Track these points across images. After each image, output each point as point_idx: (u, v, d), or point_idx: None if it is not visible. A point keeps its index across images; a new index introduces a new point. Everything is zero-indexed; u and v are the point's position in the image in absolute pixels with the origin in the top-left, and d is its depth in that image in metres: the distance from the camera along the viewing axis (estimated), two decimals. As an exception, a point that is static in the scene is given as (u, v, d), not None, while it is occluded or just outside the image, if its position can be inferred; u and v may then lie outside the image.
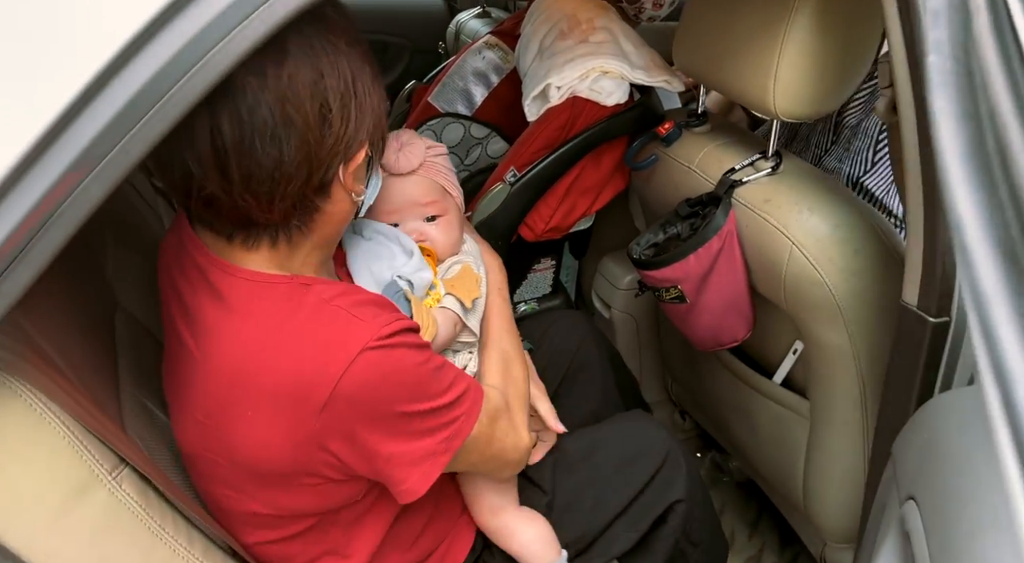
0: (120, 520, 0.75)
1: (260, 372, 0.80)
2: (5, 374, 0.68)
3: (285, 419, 0.80)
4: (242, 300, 0.83)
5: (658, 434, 1.22)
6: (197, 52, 0.60)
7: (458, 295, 1.05)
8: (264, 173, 0.77)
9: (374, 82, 0.85)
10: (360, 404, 0.80)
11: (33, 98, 0.56)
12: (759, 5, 1.12)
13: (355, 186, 0.88)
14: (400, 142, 1.07)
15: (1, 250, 0.57)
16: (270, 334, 0.81)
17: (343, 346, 0.79)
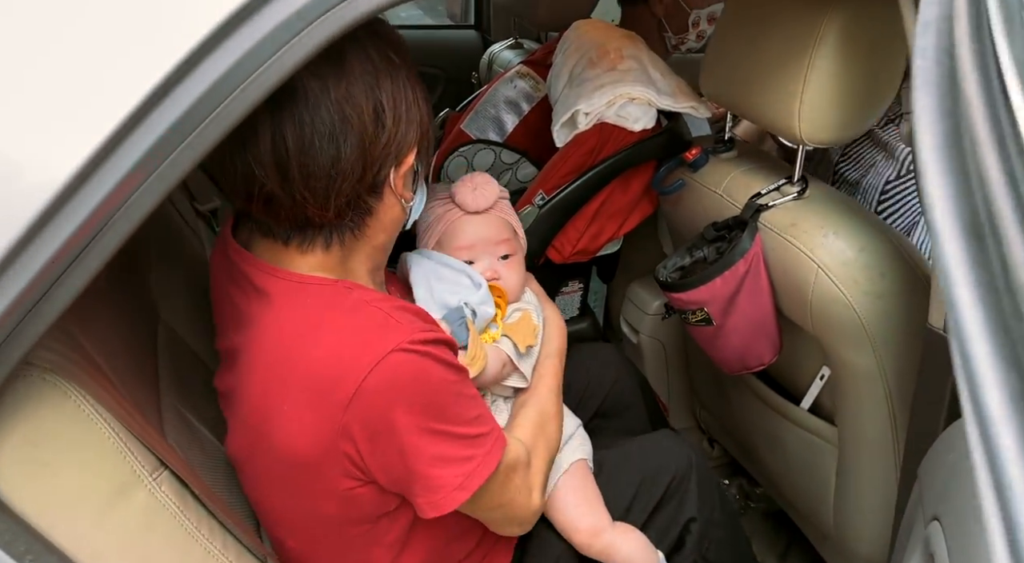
0: (158, 520, 0.78)
1: (295, 363, 0.83)
2: (57, 377, 0.71)
3: (315, 411, 0.82)
4: (284, 296, 0.86)
5: (679, 451, 1.23)
6: (256, 61, 0.64)
7: (514, 338, 1.08)
8: (322, 171, 0.82)
9: (422, 93, 0.89)
10: (385, 405, 0.82)
11: (94, 108, 0.60)
12: (784, 33, 1.14)
13: (404, 191, 0.91)
14: (475, 182, 1.12)
15: (58, 255, 0.60)
16: (308, 327, 0.84)
17: (375, 344, 0.81)
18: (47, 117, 0.61)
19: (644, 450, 1.25)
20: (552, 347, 1.16)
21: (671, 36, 1.82)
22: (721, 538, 1.22)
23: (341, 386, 0.81)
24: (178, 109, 0.62)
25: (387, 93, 0.84)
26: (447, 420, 0.85)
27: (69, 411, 0.72)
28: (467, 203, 1.11)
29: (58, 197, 0.59)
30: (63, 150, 0.60)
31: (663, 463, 1.21)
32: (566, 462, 1.16)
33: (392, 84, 0.84)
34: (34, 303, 0.62)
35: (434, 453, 0.85)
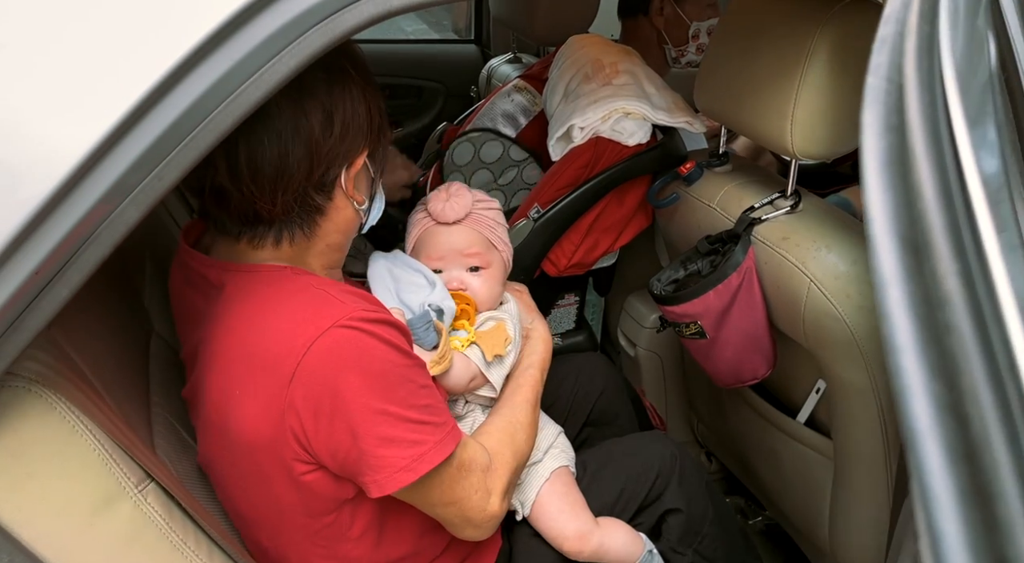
0: (144, 533, 0.77)
1: (243, 347, 0.85)
2: (43, 387, 0.71)
3: (263, 391, 0.84)
4: (236, 286, 0.89)
5: (663, 450, 1.24)
6: (229, 87, 0.65)
7: (482, 347, 1.07)
8: (269, 167, 0.85)
9: (375, 104, 0.93)
10: (325, 381, 0.82)
11: (75, 127, 0.61)
12: (777, 48, 1.15)
13: (356, 194, 0.94)
14: (449, 192, 1.13)
15: (41, 268, 0.61)
16: (255, 311, 0.87)
17: (316, 320, 0.83)
18: (31, 126, 0.61)
19: (627, 450, 1.25)
20: (535, 359, 1.16)
21: (671, 48, 1.83)
22: (715, 534, 1.23)
23: (284, 362, 0.82)
24: (160, 125, 0.63)
25: (338, 101, 0.88)
26: (393, 401, 0.85)
27: (54, 422, 0.72)
28: (437, 213, 1.12)
29: (41, 209, 0.59)
30: (46, 162, 0.60)
31: (647, 462, 1.21)
32: (547, 470, 1.16)
33: (343, 93, 0.89)
34: (17, 315, 0.62)
35: (380, 433, 0.84)
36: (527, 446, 1.07)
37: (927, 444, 0.36)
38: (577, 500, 1.16)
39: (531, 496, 1.15)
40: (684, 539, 1.23)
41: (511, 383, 1.13)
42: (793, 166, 1.23)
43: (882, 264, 0.38)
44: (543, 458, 1.18)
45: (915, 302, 0.37)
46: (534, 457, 1.17)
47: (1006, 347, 0.39)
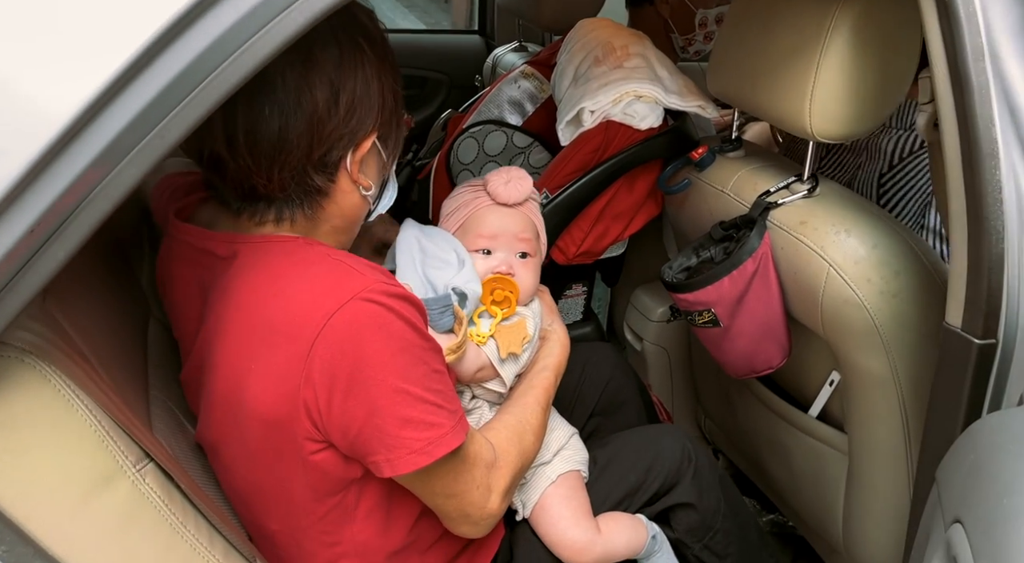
0: (142, 513, 0.74)
1: (260, 316, 0.82)
2: (37, 359, 0.68)
3: (279, 362, 0.81)
4: (247, 255, 0.86)
5: (674, 444, 1.20)
6: (235, 41, 0.62)
7: (499, 342, 1.05)
8: (267, 141, 0.82)
9: (389, 86, 0.89)
10: (344, 355, 0.80)
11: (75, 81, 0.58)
12: (794, 26, 1.12)
13: (362, 178, 0.90)
14: (510, 175, 1.11)
15: (37, 227, 0.57)
16: (272, 279, 0.83)
17: (336, 291, 0.80)
18: (25, 80, 0.58)
19: (639, 443, 1.22)
20: (550, 361, 1.13)
21: (678, 37, 1.80)
22: (727, 529, 1.19)
23: (302, 334, 0.79)
24: (161, 80, 0.60)
25: (347, 78, 0.84)
26: (411, 380, 0.82)
27: (48, 395, 0.68)
28: (499, 194, 1.10)
29: (36, 164, 0.56)
30: (42, 116, 0.57)
31: (658, 456, 1.18)
32: (554, 473, 1.13)
33: (354, 70, 0.85)
34: (12, 275, 0.59)
35: (398, 412, 0.82)
36: (533, 449, 1.04)
37: None
38: (580, 506, 1.12)
39: (534, 497, 1.12)
40: (694, 533, 1.20)
41: (524, 383, 1.10)
42: (811, 148, 1.20)
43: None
44: (552, 460, 1.15)
45: None
46: (543, 457, 1.14)
47: None
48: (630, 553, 1.14)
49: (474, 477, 0.92)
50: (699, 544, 1.20)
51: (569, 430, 1.20)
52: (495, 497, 0.94)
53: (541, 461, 1.14)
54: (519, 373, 1.10)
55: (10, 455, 0.66)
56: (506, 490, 0.96)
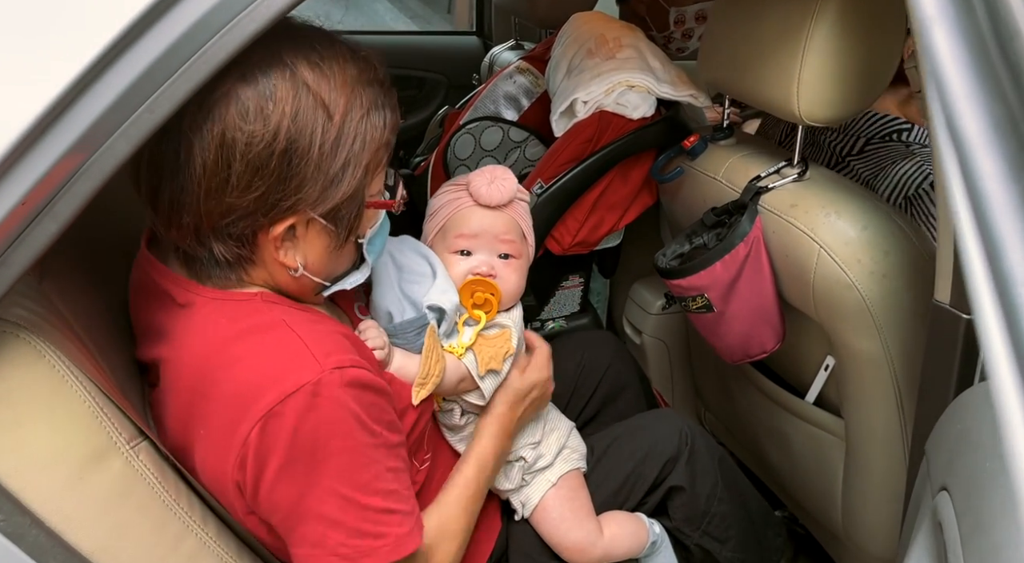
0: (135, 490, 0.75)
1: (210, 385, 0.78)
2: (31, 334, 0.70)
3: (220, 433, 0.78)
4: (201, 315, 0.81)
5: (670, 427, 1.20)
6: (223, 18, 0.63)
7: (478, 356, 1.01)
8: (164, 191, 0.75)
9: (329, 162, 0.77)
10: (280, 444, 0.75)
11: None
12: (780, 11, 1.13)
13: (287, 257, 0.80)
14: (494, 175, 1.07)
15: (28, 198, 0.59)
16: (223, 346, 0.78)
17: (283, 378, 0.75)
18: (14, 52, 0.59)
19: (634, 431, 1.22)
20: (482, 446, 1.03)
21: (656, 35, 1.82)
22: (724, 512, 1.18)
23: (244, 415, 0.75)
24: (150, 55, 0.61)
25: (250, 145, 0.73)
26: (353, 484, 0.77)
27: (43, 370, 0.70)
28: (481, 194, 1.05)
29: (25, 136, 0.57)
30: (29, 91, 0.58)
31: (654, 443, 1.18)
32: (555, 476, 1.12)
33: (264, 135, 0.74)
34: (5, 247, 0.60)
35: (322, 512, 0.77)
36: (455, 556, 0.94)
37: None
38: (582, 507, 1.12)
39: (534, 500, 1.11)
40: (691, 521, 1.19)
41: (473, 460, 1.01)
42: (800, 132, 1.21)
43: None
44: (554, 462, 1.14)
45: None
46: (544, 461, 1.13)
47: None
48: (632, 554, 1.13)
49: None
50: (698, 532, 1.19)
51: (567, 426, 1.20)
52: None
53: (543, 465, 1.13)
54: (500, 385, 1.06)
55: (5, 428, 0.68)
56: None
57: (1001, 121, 0.35)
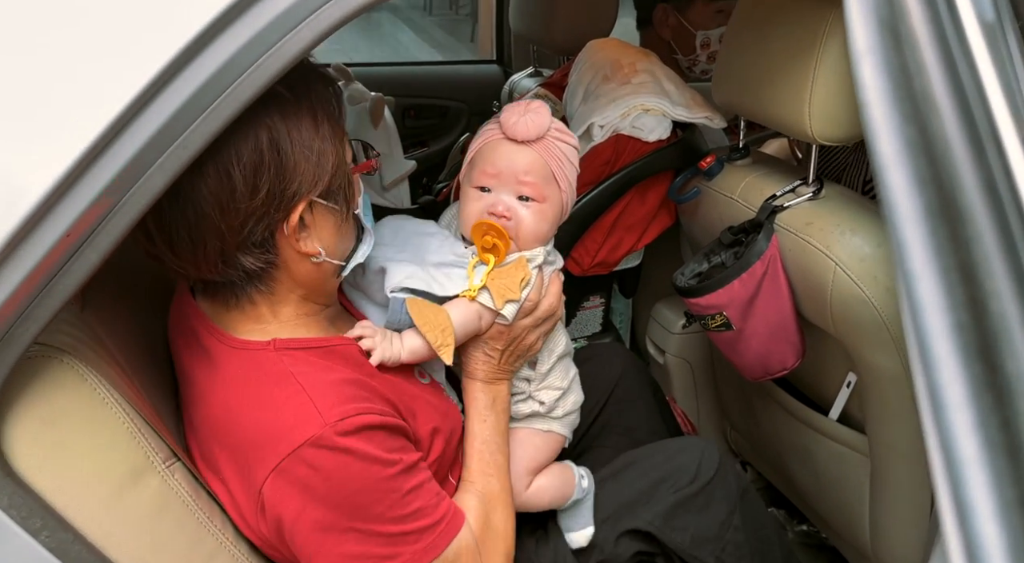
0: (171, 507, 0.79)
1: (220, 433, 0.83)
2: (74, 359, 0.74)
3: (238, 483, 0.83)
4: (225, 364, 0.85)
5: (695, 450, 1.18)
6: (249, 58, 0.67)
7: (492, 291, 0.96)
8: (178, 231, 0.79)
9: (308, 135, 0.82)
10: (289, 499, 0.79)
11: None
12: (791, 33, 1.16)
13: (307, 245, 0.85)
14: (529, 107, 0.99)
15: (72, 230, 0.63)
16: (237, 399, 0.83)
17: (288, 434, 0.78)
18: (57, 101, 0.64)
19: (656, 453, 1.20)
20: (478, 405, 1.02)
21: (682, 58, 1.84)
22: (739, 541, 1.14)
23: (256, 469, 0.80)
24: (182, 95, 0.65)
25: (242, 154, 0.78)
26: (365, 519, 0.81)
27: (85, 393, 0.74)
28: (508, 126, 0.97)
29: (70, 172, 0.62)
30: (72, 129, 0.62)
31: (680, 465, 1.16)
32: (544, 426, 1.09)
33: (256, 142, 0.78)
34: (51, 277, 0.64)
35: (342, 552, 0.81)
36: (505, 522, 0.98)
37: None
38: (530, 461, 1.08)
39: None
40: (700, 542, 1.14)
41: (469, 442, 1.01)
42: (814, 151, 1.23)
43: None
44: (562, 418, 1.11)
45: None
46: (553, 412, 1.09)
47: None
48: (552, 507, 1.11)
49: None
50: (712, 557, 1.14)
51: (580, 397, 1.15)
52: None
53: (549, 413, 1.09)
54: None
55: (50, 448, 0.71)
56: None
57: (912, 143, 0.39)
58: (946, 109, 0.40)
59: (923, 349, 0.39)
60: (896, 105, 0.39)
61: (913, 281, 0.39)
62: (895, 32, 0.39)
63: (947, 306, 0.39)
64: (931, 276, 0.39)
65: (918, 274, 0.38)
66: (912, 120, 0.38)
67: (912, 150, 0.38)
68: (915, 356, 0.41)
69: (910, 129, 0.38)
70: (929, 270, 0.39)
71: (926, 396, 0.40)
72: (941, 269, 0.39)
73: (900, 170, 0.37)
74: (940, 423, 0.40)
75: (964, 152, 0.39)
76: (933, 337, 0.40)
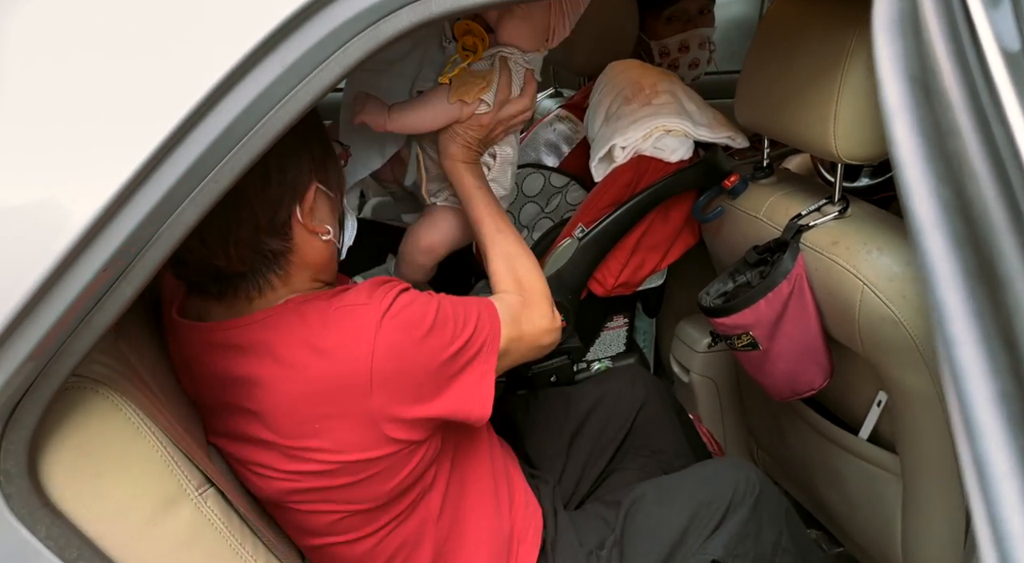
0: (204, 534, 0.79)
1: (307, 386, 0.87)
2: (109, 389, 0.75)
3: (346, 410, 0.87)
4: (261, 342, 0.89)
5: (738, 475, 1.19)
6: (279, 93, 0.68)
7: (453, 85, 1.09)
8: (211, 224, 0.80)
9: (310, 132, 0.93)
10: (400, 370, 0.88)
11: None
12: (815, 51, 1.15)
13: (316, 225, 0.95)
14: None
15: (108, 266, 0.64)
16: (299, 354, 0.87)
17: (360, 332, 0.87)
18: (87, 140, 0.65)
19: (702, 476, 1.22)
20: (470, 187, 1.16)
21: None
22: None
23: (357, 380, 0.86)
24: (214, 131, 0.66)
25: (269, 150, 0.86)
26: (453, 339, 0.93)
27: (119, 423, 0.75)
28: None
29: (107, 209, 0.63)
30: (108, 168, 0.64)
31: (721, 488, 1.17)
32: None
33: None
34: (87, 312, 0.66)
35: (451, 373, 0.93)
36: (530, 264, 1.12)
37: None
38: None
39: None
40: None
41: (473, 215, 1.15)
42: (839, 170, 1.22)
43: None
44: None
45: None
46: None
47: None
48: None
49: (527, 323, 1.04)
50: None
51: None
52: (545, 319, 1.06)
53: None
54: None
55: (86, 477, 0.72)
56: (544, 306, 1.08)
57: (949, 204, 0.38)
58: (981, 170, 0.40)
59: (967, 418, 0.39)
60: (930, 165, 0.39)
61: (954, 348, 0.38)
62: (927, 89, 0.39)
63: (990, 372, 0.39)
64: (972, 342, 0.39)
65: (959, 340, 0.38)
66: (947, 181, 0.38)
67: (949, 212, 0.38)
68: (958, 424, 0.41)
69: (946, 190, 0.38)
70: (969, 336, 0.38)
71: (971, 466, 0.40)
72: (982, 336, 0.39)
73: (937, 233, 0.37)
74: (987, 495, 0.40)
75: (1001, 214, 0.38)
76: (976, 407, 0.39)
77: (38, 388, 0.66)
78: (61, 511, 0.70)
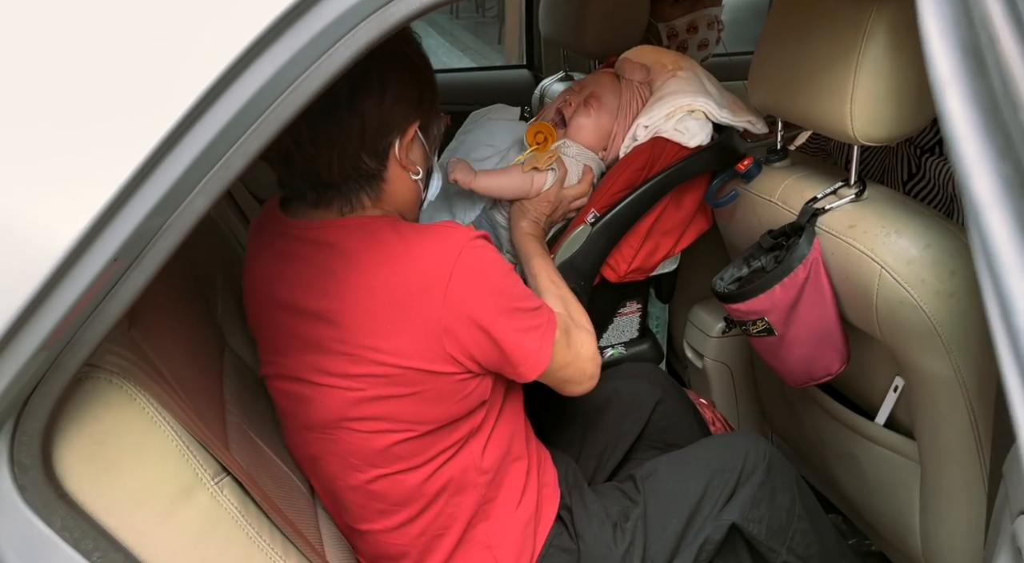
0: (220, 524, 0.79)
1: (389, 283, 0.94)
2: (123, 379, 0.74)
3: (416, 314, 0.94)
4: (356, 241, 0.98)
5: (749, 444, 1.22)
6: (287, 80, 0.67)
7: (525, 160, 1.37)
8: (326, 131, 0.94)
9: (426, 79, 1.03)
10: (472, 289, 0.95)
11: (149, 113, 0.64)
12: (831, 32, 1.13)
13: (409, 163, 1.03)
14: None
15: (120, 255, 0.64)
16: (387, 253, 0.96)
17: (447, 244, 0.95)
18: (93, 131, 0.64)
19: (713, 446, 1.25)
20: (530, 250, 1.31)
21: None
22: (805, 529, 1.20)
23: (434, 284, 0.93)
24: (222, 118, 0.65)
25: (391, 77, 0.97)
26: (514, 298, 1.00)
27: (134, 413, 0.75)
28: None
29: (117, 198, 0.62)
30: (115, 160, 0.63)
31: (733, 457, 1.20)
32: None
33: (400, 75, 0.98)
34: (99, 301, 0.65)
35: (515, 327, 0.98)
36: (584, 316, 1.18)
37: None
38: None
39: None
40: (777, 534, 1.20)
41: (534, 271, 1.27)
42: (856, 152, 1.20)
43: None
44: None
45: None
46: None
47: None
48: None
49: (575, 339, 1.10)
50: (784, 548, 1.20)
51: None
52: (589, 347, 1.12)
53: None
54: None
55: (102, 468, 0.72)
56: (589, 334, 1.14)
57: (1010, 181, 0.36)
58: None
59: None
60: (989, 140, 0.37)
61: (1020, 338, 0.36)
62: (981, 59, 0.37)
63: None
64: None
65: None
66: (1008, 157, 0.36)
67: (1011, 190, 0.36)
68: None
69: (1007, 167, 0.36)
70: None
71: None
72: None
73: (998, 212, 0.35)
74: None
75: None
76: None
77: (51, 379, 0.66)
78: (76, 502, 0.70)
